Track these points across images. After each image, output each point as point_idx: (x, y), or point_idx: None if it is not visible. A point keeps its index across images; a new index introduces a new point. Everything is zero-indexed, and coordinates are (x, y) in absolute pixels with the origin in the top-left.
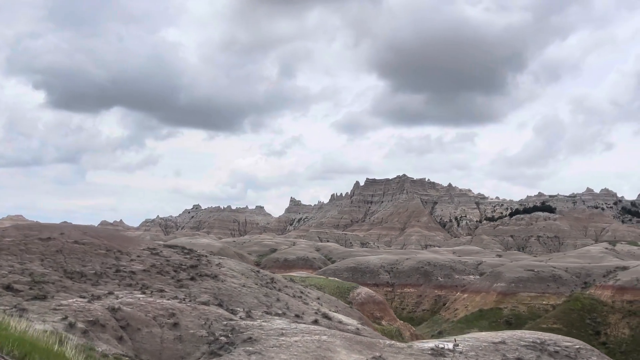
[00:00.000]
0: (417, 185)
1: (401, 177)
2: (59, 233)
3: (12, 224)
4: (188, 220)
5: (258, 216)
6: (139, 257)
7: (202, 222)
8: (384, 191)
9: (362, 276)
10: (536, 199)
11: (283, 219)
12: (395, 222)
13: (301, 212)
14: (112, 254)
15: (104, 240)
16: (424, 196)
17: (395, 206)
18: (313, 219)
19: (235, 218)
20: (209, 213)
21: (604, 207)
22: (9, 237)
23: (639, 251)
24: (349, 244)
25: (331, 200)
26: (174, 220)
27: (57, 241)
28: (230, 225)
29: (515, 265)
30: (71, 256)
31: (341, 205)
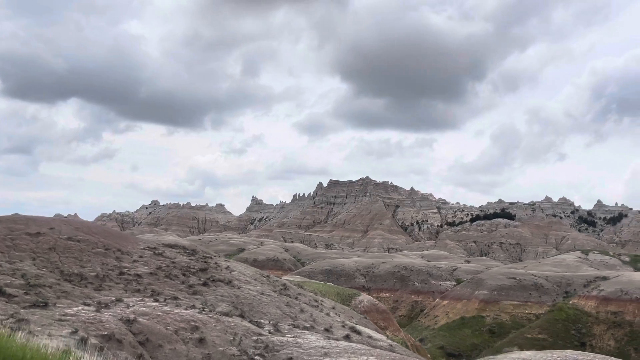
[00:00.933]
0: (380, 188)
1: (364, 180)
2: (48, 228)
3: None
4: (146, 216)
5: (218, 214)
6: (141, 258)
7: (160, 219)
8: (347, 193)
9: (338, 279)
10: (496, 205)
11: (244, 217)
12: (358, 225)
13: (262, 212)
14: (111, 254)
15: (100, 238)
16: (386, 199)
17: (358, 208)
18: (275, 218)
19: (194, 215)
20: (168, 209)
21: (561, 215)
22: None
23: (611, 261)
24: (313, 244)
25: (293, 201)
26: (130, 215)
27: (48, 237)
28: (190, 222)
29: (497, 273)
30: (66, 255)
31: (303, 205)
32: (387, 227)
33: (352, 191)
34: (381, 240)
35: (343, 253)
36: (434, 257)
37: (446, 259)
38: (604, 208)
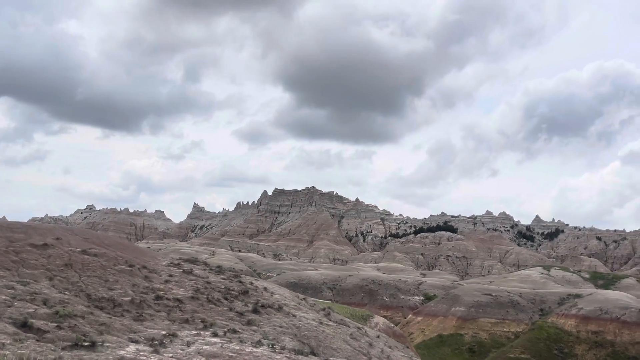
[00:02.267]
0: (326, 198)
1: (310, 189)
2: (53, 238)
3: None
4: (80, 221)
5: (157, 221)
6: (172, 277)
7: (96, 224)
8: (292, 202)
9: (304, 293)
10: (439, 218)
11: (185, 225)
12: (303, 234)
13: (204, 219)
14: (138, 272)
15: (117, 251)
16: (331, 209)
17: (304, 218)
18: (217, 226)
19: (132, 221)
20: (104, 215)
21: (501, 230)
22: None
23: (572, 277)
24: (261, 254)
25: (237, 209)
26: (64, 220)
27: (59, 250)
28: (127, 228)
29: (471, 289)
30: (88, 274)
31: (247, 214)
32: (333, 237)
33: (297, 200)
34: (327, 250)
35: (300, 264)
36: (390, 270)
37: (402, 271)
38: (542, 223)
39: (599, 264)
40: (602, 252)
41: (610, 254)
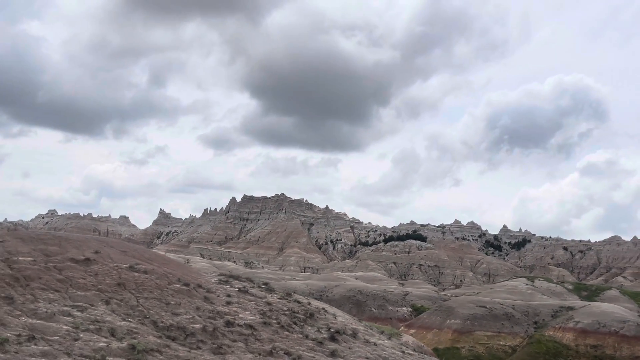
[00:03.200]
0: (296, 205)
1: (279, 196)
2: (92, 251)
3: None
4: (42, 226)
5: (122, 227)
6: (230, 298)
7: (58, 229)
8: (261, 209)
9: None
10: (408, 227)
11: (150, 231)
12: (273, 242)
13: (170, 225)
14: (195, 292)
15: (163, 267)
16: (301, 217)
17: (273, 225)
18: (183, 233)
19: (96, 227)
20: (67, 220)
21: (470, 239)
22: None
23: (557, 288)
24: (232, 262)
25: (204, 215)
26: (25, 225)
27: (104, 266)
28: (90, 234)
29: (465, 301)
30: (144, 295)
31: (215, 220)
32: (304, 245)
33: (266, 207)
34: (298, 258)
35: (277, 273)
36: (369, 280)
37: (381, 281)
38: (509, 233)
39: (567, 273)
40: (569, 262)
41: (576, 264)
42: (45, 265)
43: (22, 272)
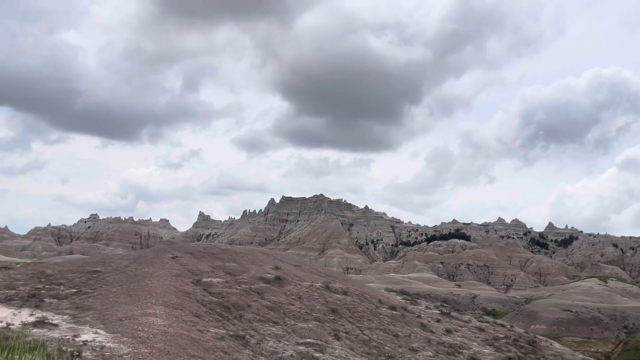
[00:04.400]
0: (335, 205)
1: (318, 197)
2: (271, 267)
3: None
4: (84, 231)
5: (162, 230)
6: (440, 323)
7: (100, 233)
8: (300, 210)
9: None
10: (450, 225)
11: (190, 233)
12: (314, 243)
13: (210, 228)
14: (406, 317)
15: (350, 284)
16: (340, 217)
17: (313, 226)
18: (223, 235)
19: (137, 230)
20: (109, 224)
21: (514, 237)
22: (207, 275)
23: (633, 289)
24: None
25: (243, 217)
26: (68, 229)
27: (299, 287)
28: (132, 238)
29: (547, 304)
30: (365, 324)
31: (254, 222)
32: (345, 246)
33: (305, 208)
34: (340, 259)
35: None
36: (423, 281)
37: (436, 282)
38: (555, 230)
39: (620, 271)
40: (619, 259)
41: (627, 261)
42: (241, 287)
43: (225, 298)
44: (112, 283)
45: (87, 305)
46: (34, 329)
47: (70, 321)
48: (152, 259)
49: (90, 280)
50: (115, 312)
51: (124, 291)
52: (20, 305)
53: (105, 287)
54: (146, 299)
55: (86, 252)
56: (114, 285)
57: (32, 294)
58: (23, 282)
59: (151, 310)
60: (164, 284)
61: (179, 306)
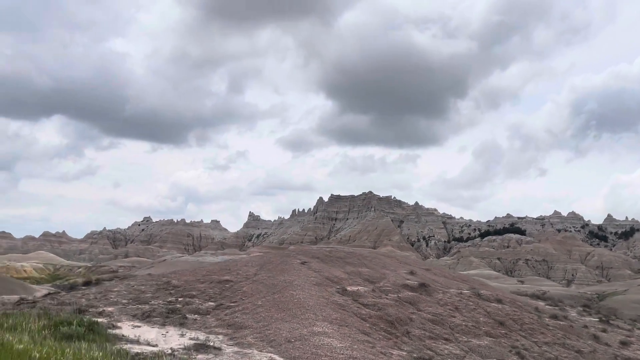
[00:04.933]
0: (384, 202)
1: (367, 194)
2: (406, 272)
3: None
4: (138, 233)
5: (214, 231)
6: (609, 334)
7: (154, 236)
8: (349, 208)
9: None
10: (504, 220)
11: (241, 234)
12: (364, 241)
13: (260, 228)
14: (571, 327)
15: (486, 289)
16: (390, 214)
17: (363, 224)
18: (274, 234)
19: (189, 232)
20: (161, 226)
21: (572, 230)
22: (350, 284)
23: None
24: None
25: (292, 216)
26: (123, 232)
27: (447, 295)
28: (184, 239)
29: (628, 301)
30: (539, 337)
31: (304, 221)
32: (397, 243)
33: (354, 206)
34: None
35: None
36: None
37: (497, 279)
38: (615, 222)
39: None
40: None
41: None
42: (390, 297)
43: (383, 310)
44: (251, 294)
45: (238, 323)
46: (199, 355)
47: (231, 343)
48: (279, 265)
49: (225, 291)
50: (277, 331)
51: (272, 304)
52: (162, 323)
53: (247, 300)
54: (303, 314)
55: (141, 254)
56: (254, 296)
57: (170, 309)
58: (151, 294)
59: (318, 328)
60: (310, 294)
61: (342, 322)
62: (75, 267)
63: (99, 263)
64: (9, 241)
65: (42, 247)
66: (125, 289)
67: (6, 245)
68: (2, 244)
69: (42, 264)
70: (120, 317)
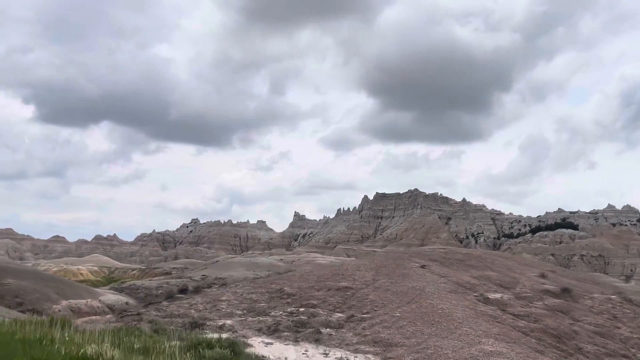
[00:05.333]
0: (430, 200)
1: (413, 192)
2: (537, 275)
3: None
4: (186, 235)
5: (260, 231)
6: None
7: (202, 237)
8: (394, 206)
9: None
10: (555, 215)
11: (287, 234)
12: (412, 239)
13: (306, 227)
14: None
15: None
16: (437, 211)
17: (410, 222)
18: (319, 234)
19: (236, 233)
20: (209, 227)
21: (627, 224)
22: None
23: None
24: None
25: (337, 215)
26: (172, 234)
27: (595, 301)
28: (232, 240)
29: None
30: None
31: (349, 220)
32: (445, 240)
33: (400, 204)
34: None
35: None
36: None
37: None
38: None
39: None
40: None
41: None
42: (537, 305)
43: (540, 322)
44: (383, 304)
45: (385, 339)
46: None
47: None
48: (396, 269)
49: (348, 299)
50: (439, 350)
51: (414, 316)
52: (295, 339)
53: (380, 310)
54: (457, 328)
55: (190, 255)
56: (387, 306)
57: (296, 322)
58: (265, 303)
59: (487, 346)
60: (452, 304)
61: (507, 338)
62: (129, 269)
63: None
64: (63, 245)
65: (94, 250)
66: (234, 297)
67: (60, 249)
68: (57, 247)
69: (97, 267)
70: (245, 331)
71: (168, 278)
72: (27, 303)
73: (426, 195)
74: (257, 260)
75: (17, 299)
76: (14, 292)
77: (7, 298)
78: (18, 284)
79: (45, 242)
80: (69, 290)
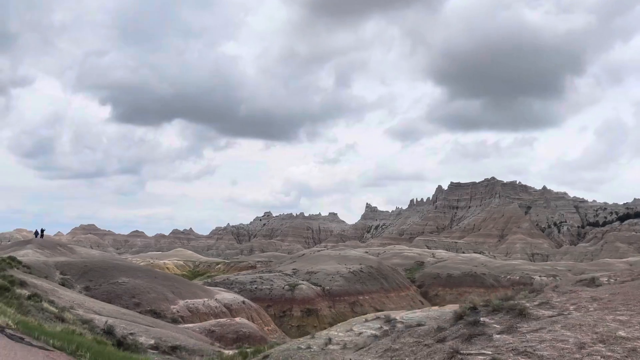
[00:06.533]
0: (509, 188)
1: (490, 180)
2: None
3: None
4: (260, 228)
5: (332, 223)
6: None
7: (275, 230)
8: (470, 196)
9: None
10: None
11: (359, 226)
12: (491, 229)
13: (378, 219)
14: None
15: None
16: (516, 200)
17: (488, 211)
18: (392, 225)
19: (308, 225)
20: (281, 220)
21: None
22: None
23: None
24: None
25: (410, 206)
26: (245, 228)
27: None
28: (304, 232)
29: None
30: None
31: (423, 211)
32: (527, 230)
33: (476, 193)
34: (523, 245)
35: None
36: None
37: None
38: None
39: None
40: None
41: None
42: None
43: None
44: None
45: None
46: None
47: None
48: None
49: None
50: None
51: None
52: None
53: None
54: None
55: (265, 248)
56: None
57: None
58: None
59: None
60: None
61: None
62: (213, 263)
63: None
64: (142, 239)
65: (173, 245)
66: None
67: (141, 243)
68: (137, 242)
69: (182, 261)
70: None
71: (258, 272)
72: (145, 303)
73: (504, 184)
74: (347, 253)
75: (134, 299)
76: (131, 292)
77: (124, 298)
78: (133, 282)
79: (125, 237)
80: (184, 289)
